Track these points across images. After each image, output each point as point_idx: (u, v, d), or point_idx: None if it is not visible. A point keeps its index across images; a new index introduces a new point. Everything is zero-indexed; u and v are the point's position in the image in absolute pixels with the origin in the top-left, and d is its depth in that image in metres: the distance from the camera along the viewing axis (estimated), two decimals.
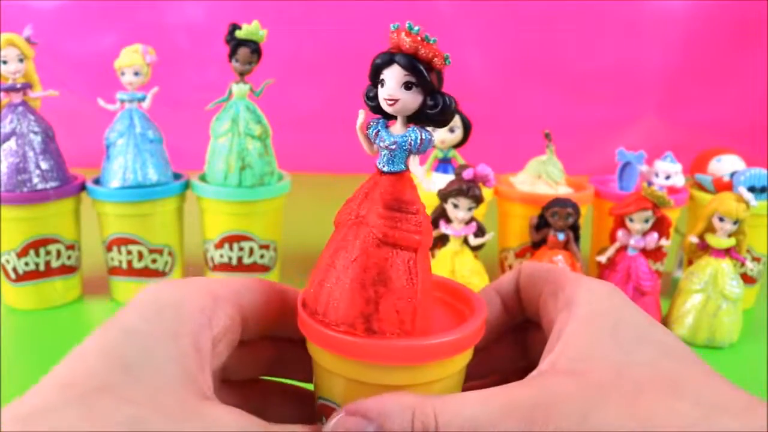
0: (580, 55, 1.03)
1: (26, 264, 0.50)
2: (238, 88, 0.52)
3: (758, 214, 0.52)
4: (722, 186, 0.54)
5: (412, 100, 0.22)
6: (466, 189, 0.44)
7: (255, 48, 0.51)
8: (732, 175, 0.53)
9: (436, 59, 0.22)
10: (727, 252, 0.47)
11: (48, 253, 0.51)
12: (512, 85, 1.05)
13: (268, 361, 0.28)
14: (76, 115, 0.83)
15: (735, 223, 0.45)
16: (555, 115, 1.03)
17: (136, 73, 0.51)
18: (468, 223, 0.46)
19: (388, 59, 0.22)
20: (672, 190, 0.53)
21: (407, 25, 0.21)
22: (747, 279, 0.54)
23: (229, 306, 0.24)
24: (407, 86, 0.22)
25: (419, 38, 0.21)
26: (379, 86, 0.22)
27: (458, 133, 0.54)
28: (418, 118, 0.23)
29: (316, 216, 0.24)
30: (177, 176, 0.55)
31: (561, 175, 0.54)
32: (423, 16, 1.01)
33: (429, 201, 0.49)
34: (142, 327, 0.21)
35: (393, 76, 0.22)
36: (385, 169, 0.23)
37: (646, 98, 1.06)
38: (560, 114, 1.04)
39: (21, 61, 0.49)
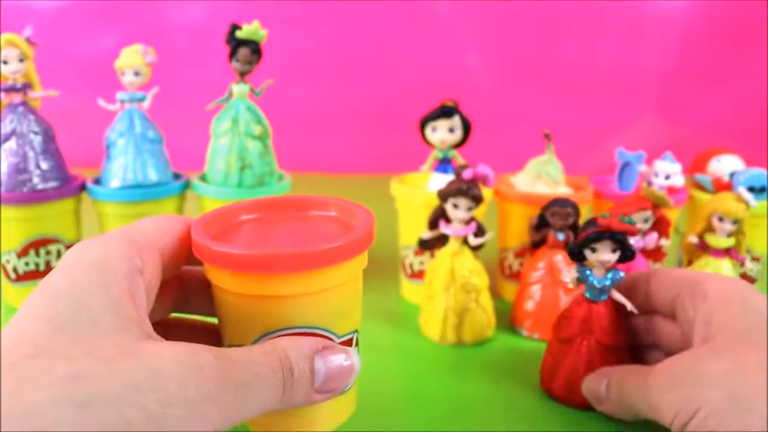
0: (579, 55, 1.03)
1: (26, 264, 0.50)
2: (239, 88, 0.52)
3: (758, 214, 0.52)
4: (722, 186, 0.54)
5: (615, 259, 0.36)
6: (466, 189, 0.44)
7: (255, 48, 0.51)
8: (731, 175, 0.53)
9: (631, 235, 0.35)
10: (726, 252, 0.47)
11: (48, 253, 0.51)
12: (512, 85, 1.05)
13: (176, 299, 0.29)
14: (76, 115, 0.83)
15: (734, 223, 0.45)
16: (555, 115, 1.03)
17: (137, 74, 0.51)
18: (468, 223, 0.46)
19: (605, 237, 0.35)
20: (671, 190, 0.53)
21: (620, 218, 0.34)
22: (746, 279, 0.54)
23: (154, 252, 0.24)
24: (613, 250, 0.35)
25: (627, 224, 0.34)
26: (590, 251, 0.36)
27: (458, 133, 0.54)
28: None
29: None
30: (177, 176, 0.55)
31: (561, 175, 0.54)
32: (422, 15, 1.01)
33: (429, 201, 0.49)
34: (70, 287, 0.21)
35: (607, 247, 0.35)
36: (602, 298, 0.37)
37: (645, 98, 1.06)
38: (560, 114, 1.04)
39: (21, 61, 0.49)
